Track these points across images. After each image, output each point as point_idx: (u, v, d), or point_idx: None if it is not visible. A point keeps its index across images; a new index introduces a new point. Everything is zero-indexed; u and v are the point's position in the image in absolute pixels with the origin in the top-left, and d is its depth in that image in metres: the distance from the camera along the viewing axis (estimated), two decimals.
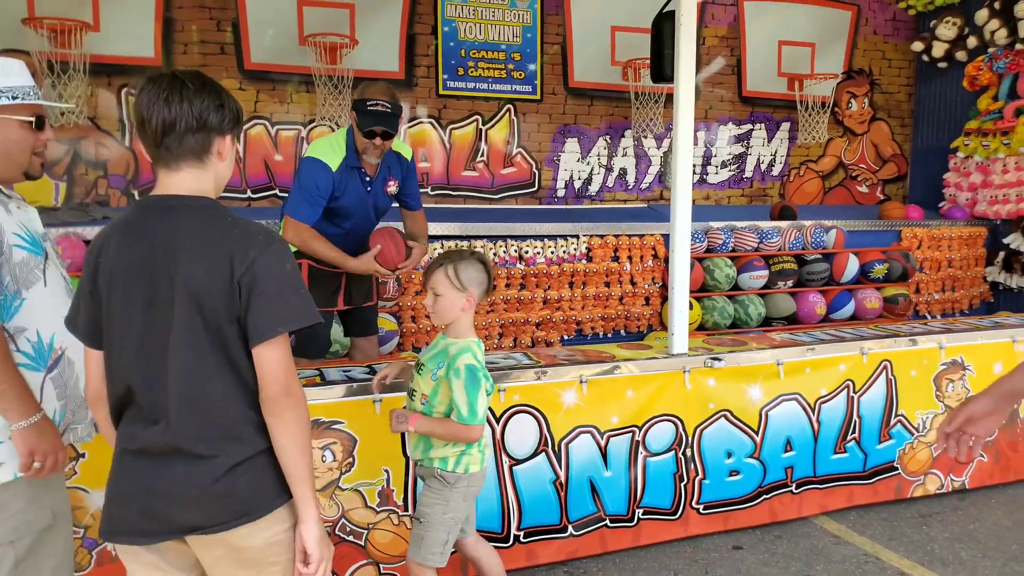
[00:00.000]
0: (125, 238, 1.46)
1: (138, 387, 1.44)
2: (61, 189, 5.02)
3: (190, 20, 5.16)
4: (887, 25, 7.11)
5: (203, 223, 1.45)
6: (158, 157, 1.48)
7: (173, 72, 1.48)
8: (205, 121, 1.47)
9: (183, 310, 1.40)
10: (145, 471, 1.45)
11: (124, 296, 1.44)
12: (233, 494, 1.44)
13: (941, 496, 3.58)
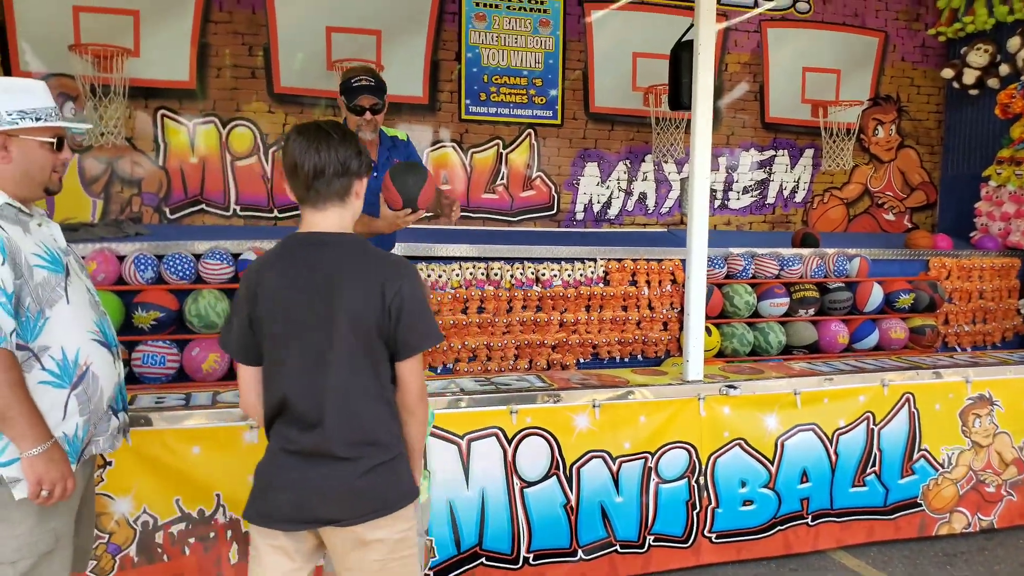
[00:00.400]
0: (282, 269, 1.69)
1: (296, 397, 1.67)
2: (98, 206, 5.19)
3: (224, 45, 5.33)
4: (916, 52, 7.07)
5: (355, 256, 1.69)
6: (307, 198, 1.71)
7: (318, 124, 1.71)
8: (348, 167, 1.70)
9: (342, 332, 1.64)
10: (298, 469, 1.68)
11: (284, 319, 1.67)
12: (369, 492, 1.69)
13: (968, 535, 3.48)
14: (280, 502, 1.69)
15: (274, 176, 5.48)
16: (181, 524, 2.57)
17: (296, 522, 1.70)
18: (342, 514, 1.68)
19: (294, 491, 1.68)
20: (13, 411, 1.68)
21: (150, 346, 4.12)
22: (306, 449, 1.68)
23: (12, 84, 1.85)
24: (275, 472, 1.72)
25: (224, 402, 2.72)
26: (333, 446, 1.66)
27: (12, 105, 1.80)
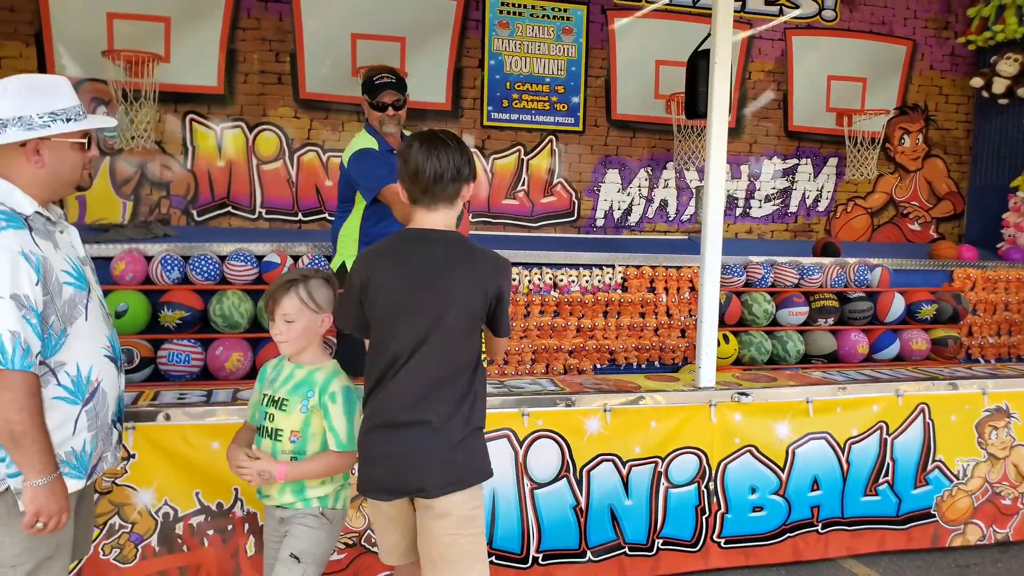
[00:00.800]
0: (396, 261, 1.90)
1: (399, 374, 1.86)
2: (128, 207, 5.34)
3: (251, 51, 5.46)
4: (944, 60, 6.99)
5: (462, 252, 1.91)
6: (421, 200, 1.90)
7: (435, 133, 1.90)
8: (461, 172, 1.90)
9: (450, 315, 1.86)
10: (392, 441, 1.88)
11: (396, 305, 1.88)
12: (453, 464, 1.89)
13: (982, 548, 3.45)
14: (378, 473, 1.91)
15: (299, 180, 5.60)
16: (200, 516, 2.65)
17: (392, 492, 1.92)
18: (429, 484, 1.87)
19: (390, 462, 1.89)
20: (28, 439, 1.68)
21: (175, 344, 4.24)
22: (402, 421, 1.87)
23: (38, 84, 1.79)
24: (373, 445, 1.93)
25: (243, 399, 2.80)
26: (431, 417, 1.86)
27: (43, 107, 1.75)
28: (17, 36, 5.05)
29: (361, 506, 2.76)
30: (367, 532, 2.77)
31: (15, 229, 1.70)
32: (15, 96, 1.72)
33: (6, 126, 1.72)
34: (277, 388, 2.08)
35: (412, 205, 1.93)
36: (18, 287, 1.66)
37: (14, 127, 1.72)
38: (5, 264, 1.65)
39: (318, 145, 5.62)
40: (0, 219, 1.70)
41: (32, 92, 1.75)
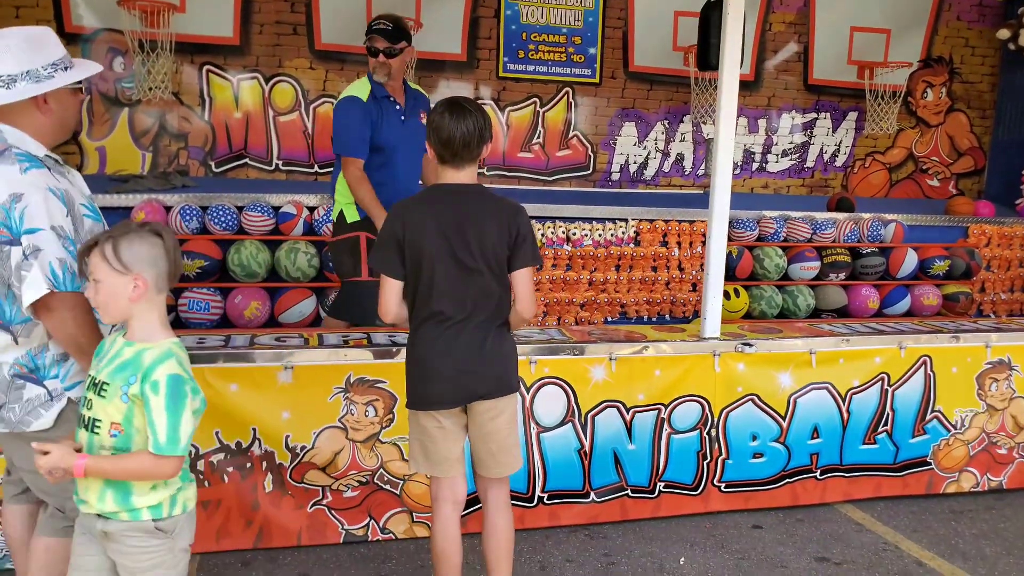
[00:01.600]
0: (434, 212, 2.17)
1: (447, 303, 2.17)
2: (147, 158, 5.42)
3: (266, 2, 5.44)
4: (972, 11, 6.80)
5: (486, 202, 2.21)
6: (450, 160, 2.18)
7: (458, 101, 2.18)
8: (484, 135, 2.18)
9: (481, 253, 2.16)
10: (450, 358, 2.18)
11: (433, 247, 2.15)
12: (508, 372, 2.28)
13: (977, 495, 3.54)
14: (439, 389, 2.20)
15: (314, 132, 5.64)
16: (220, 454, 2.80)
17: (453, 402, 2.22)
18: (489, 390, 2.22)
19: (453, 375, 2.19)
20: (93, 348, 1.84)
21: (195, 293, 4.36)
22: (459, 341, 2.18)
23: (33, 36, 1.86)
24: (431, 363, 2.20)
25: (261, 344, 2.92)
26: (478, 335, 2.19)
27: (44, 59, 1.86)
28: None
29: (375, 446, 2.89)
30: (380, 470, 2.91)
31: (37, 168, 1.83)
32: (18, 52, 1.82)
33: (15, 81, 1.82)
34: (101, 368, 1.72)
35: (441, 164, 2.21)
36: (54, 219, 1.81)
37: (23, 81, 1.83)
38: (39, 199, 1.79)
39: (334, 96, 5.63)
40: (22, 160, 1.82)
41: (32, 45, 1.84)
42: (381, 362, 2.89)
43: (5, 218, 1.77)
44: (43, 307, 1.81)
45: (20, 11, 5.09)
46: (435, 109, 2.19)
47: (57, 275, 1.80)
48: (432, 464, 2.29)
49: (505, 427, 2.29)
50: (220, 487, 2.81)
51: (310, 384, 2.83)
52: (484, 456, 2.31)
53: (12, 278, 1.80)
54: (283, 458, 2.84)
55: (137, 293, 1.69)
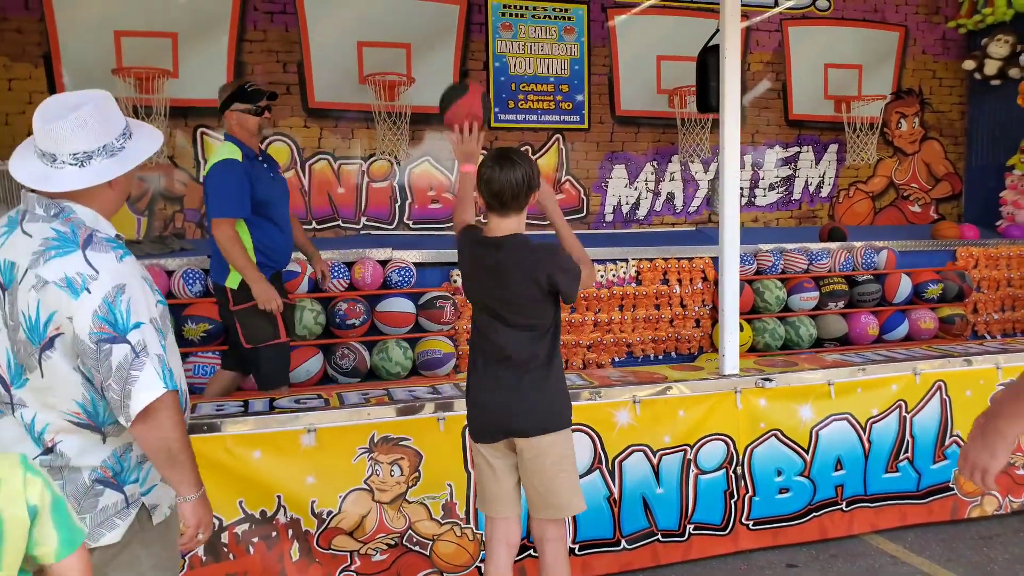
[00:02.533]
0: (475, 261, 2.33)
1: (489, 345, 2.29)
2: (143, 223, 5.40)
3: (259, 63, 5.52)
4: (936, 44, 7.09)
5: (519, 252, 2.24)
6: (497, 209, 2.25)
7: (506, 152, 2.25)
8: (531, 184, 2.24)
9: (516, 297, 2.24)
10: (490, 393, 2.29)
11: (479, 294, 2.33)
12: (545, 411, 2.27)
13: (1001, 518, 3.54)
14: (480, 421, 2.33)
15: (311, 189, 5.66)
16: (244, 524, 2.72)
17: (491, 435, 2.31)
18: (528, 427, 2.26)
19: (487, 413, 2.31)
20: (184, 455, 1.67)
21: (200, 357, 4.31)
22: (505, 378, 2.27)
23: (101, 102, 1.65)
24: (477, 397, 2.34)
25: (281, 407, 2.88)
26: (522, 374, 2.26)
27: (115, 129, 1.66)
28: (26, 57, 5.10)
29: (402, 507, 2.84)
30: (408, 531, 2.85)
31: (128, 255, 1.65)
32: (95, 124, 1.61)
33: (91, 157, 1.61)
34: None
35: (489, 211, 2.29)
36: (151, 310, 1.65)
37: (100, 157, 1.62)
38: (138, 290, 1.62)
39: (329, 153, 5.69)
40: (113, 246, 1.63)
41: (104, 115, 1.64)
42: (404, 419, 2.86)
43: (108, 312, 1.55)
44: (143, 411, 1.59)
45: (13, 83, 5.10)
46: (484, 162, 2.25)
47: (159, 372, 1.60)
48: (483, 501, 2.37)
49: (551, 468, 2.28)
50: (245, 559, 2.73)
51: (334, 446, 2.78)
52: (532, 496, 2.33)
53: (111, 379, 1.56)
54: (309, 524, 2.77)
55: None
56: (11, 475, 1.28)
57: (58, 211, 1.63)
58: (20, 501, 1.26)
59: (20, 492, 1.27)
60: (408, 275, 4.71)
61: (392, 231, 5.79)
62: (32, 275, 1.56)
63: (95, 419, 1.64)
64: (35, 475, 1.30)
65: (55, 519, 1.30)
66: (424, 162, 5.88)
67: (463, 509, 2.89)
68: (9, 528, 1.25)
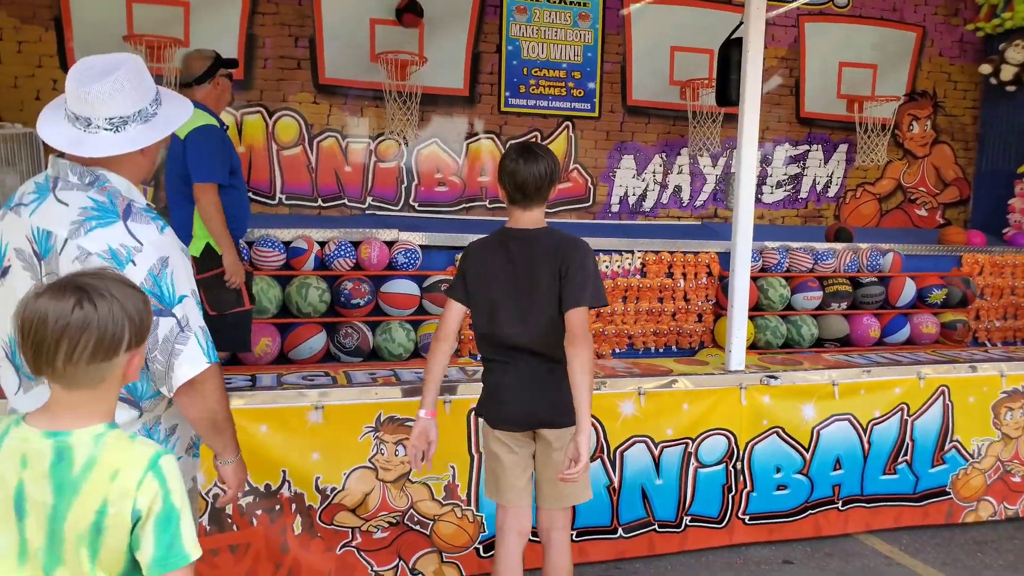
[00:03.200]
0: (497, 253, 2.28)
1: (510, 335, 2.26)
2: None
3: (270, 36, 5.47)
4: (953, 47, 7.05)
5: (546, 244, 2.24)
6: (520, 201, 2.24)
7: (528, 145, 2.27)
8: (553, 177, 2.25)
9: (542, 293, 2.22)
10: (518, 386, 2.27)
11: (499, 284, 2.26)
12: (564, 402, 2.23)
13: (996, 524, 3.57)
14: (508, 411, 2.31)
15: (318, 166, 5.63)
16: (249, 497, 2.73)
17: (521, 424, 2.31)
18: (551, 418, 2.28)
19: (516, 402, 2.29)
20: (227, 423, 1.70)
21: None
22: (523, 372, 2.27)
23: (134, 66, 1.58)
24: (502, 389, 2.31)
25: (289, 383, 2.88)
26: (537, 368, 2.26)
27: (149, 94, 1.60)
28: (36, 20, 5.05)
29: (405, 486, 2.84)
30: (410, 511, 2.86)
31: (168, 226, 1.61)
32: (130, 90, 1.55)
33: (127, 123, 1.56)
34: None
35: (511, 204, 2.28)
36: (191, 282, 1.62)
37: (135, 123, 1.57)
38: (180, 262, 1.58)
39: (337, 131, 5.65)
40: (153, 218, 1.58)
41: (139, 80, 1.58)
42: (410, 400, 2.85)
43: (154, 285, 1.51)
44: (188, 382, 1.57)
45: (23, 45, 5.05)
46: (507, 154, 2.26)
47: (202, 344, 1.58)
48: (498, 491, 2.36)
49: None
50: (248, 531, 2.74)
51: (340, 424, 2.79)
52: (545, 486, 2.35)
53: (156, 351, 1.54)
54: (313, 500, 2.78)
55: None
56: (131, 470, 1.22)
57: (93, 179, 1.57)
58: (128, 501, 1.20)
59: (131, 491, 1.20)
60: (414, 257, 4.71)
61: (397, 212, 5.77)
62: (73, 246, 1.51)
63: (134, 393, 1.61)
64: (157, 478, 1.22)
65: (157, 532, 1.21)
66: (432, 144, 5.85)
67: (464, 491, 2.91)
68: (111, 523, 1.20)
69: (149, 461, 1.23)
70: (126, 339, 1.23)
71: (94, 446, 1.22)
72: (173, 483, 1.23)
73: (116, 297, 1.22)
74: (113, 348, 1.22)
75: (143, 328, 1.27)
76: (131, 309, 1.24)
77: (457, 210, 5.92)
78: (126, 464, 1.21)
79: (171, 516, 1.22)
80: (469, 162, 5.91)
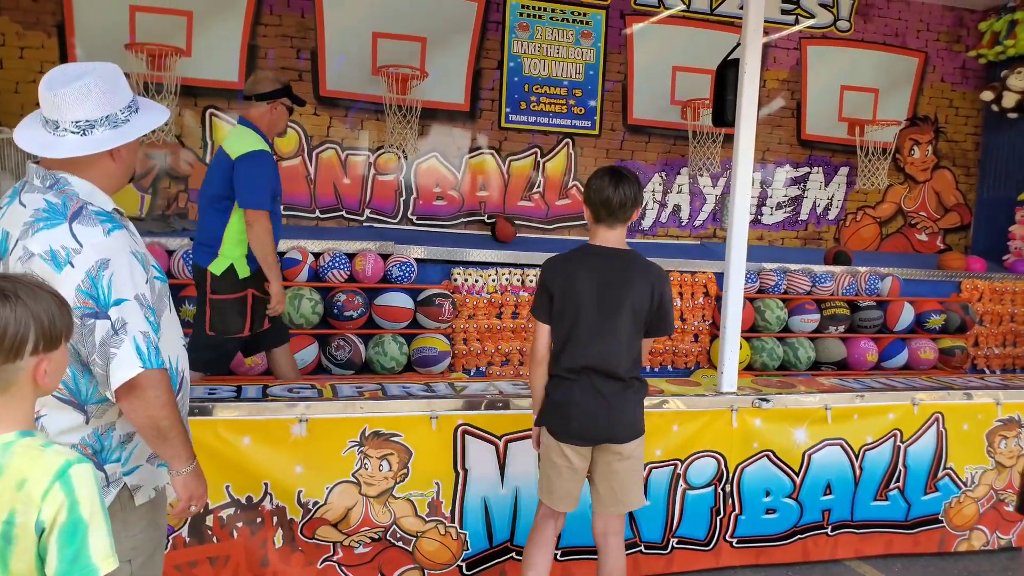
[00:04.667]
0: (583, 269, 2.40)
1: (591, 357, 2.37)
2: (146, 200, 5.37)
3: (272, 47, 5.49)
4: (955, 73, 7.06)
5: (636, 265, 2.41)
6: (605, 219, 2.40)
7: (617, 169, 2.42)
8: (637, 199, 2.41)
9: (627, 313, 2.37)
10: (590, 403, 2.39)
11: (581, 303, 2.38)
12: (636, 420, 2.46)
13: (989, 553, 3.52)
14: (576, 426, 2.41)
15: (317, 177, 5.64)
16: (230, 509, 2.70)
17: (589, 439, 2.43)
18: (621, 434, 2.42)
19: (585, 418, 2.40)
20: (173, 431, 1.66)
21: None
22: (604, 390, 2.39)
23: (108, 73, 1.62)
24: (572, 405, 2.41)
25: (274, 395, 2.85)
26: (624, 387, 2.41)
27: (121, 101, 1.62)
28: (39, 26, 5.08)
29: (388, 502, 2.81)
30: (392, 526, 2.82)
31: (119, 229, 1.62)
32: (99, 94, 1.58)
33: (94, 127, 1.59)
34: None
35: (596, 223, 2.43)
36: (137, 287, 1.60)
37: (102, 127, 1.60)
38: (123, 265, 1.58)
39: (337, 143, 5.67)
40: (103, 220, 1.59)
41: (110, 85, 1.61)
42: (397, 415, 2.83)
43: (91, 287, 1.53)
44: (126, 387, 1.57)
45: (25, 51, 5.08)
46: (596, 174, 2.42)
47: (143, 351, 1.57)
48: (553, 497, 2.50)
49: (630, 469, 2.48)
50: (229, 543, 2.71)
51: (324, 437, 2.76)
52: (606, 494, 2.49)
53: (95, 355, 1.55)
54: (295, 513, 2.75)
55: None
56: (38, 480, 1.17)
57: (53, 182, 1.61)
58: (33, 511, 1.16)
59: (37, 502, 1.16)
60: (409, 270, 4.69)
61: (395, 225, 5.77)
62: (20, 246, 1.54)
63: (77, 396, 1.61)
64: (64, 489, 1.17)
65: (60, 544, 1.15)
66: (432, 158, 5.86)
67: (448, 508, 2.87)
68: (18, 533, 1.16)
69: (57, 471, 1.18)
70: (31, 341, 1.21)
71: (2, 455, 1.19)
72: (83, 493, 1.19)
73: (22, 298, 1.20)
74: (15, 350, 1.19)
75: (54, 332, 1.24)
76: (39, 311, 1.21)
77: (455, 224, 5.91)
78: (33, 474, 1.18)
79: (76, 528, 1.17)
80: (469, 177, 5.92)
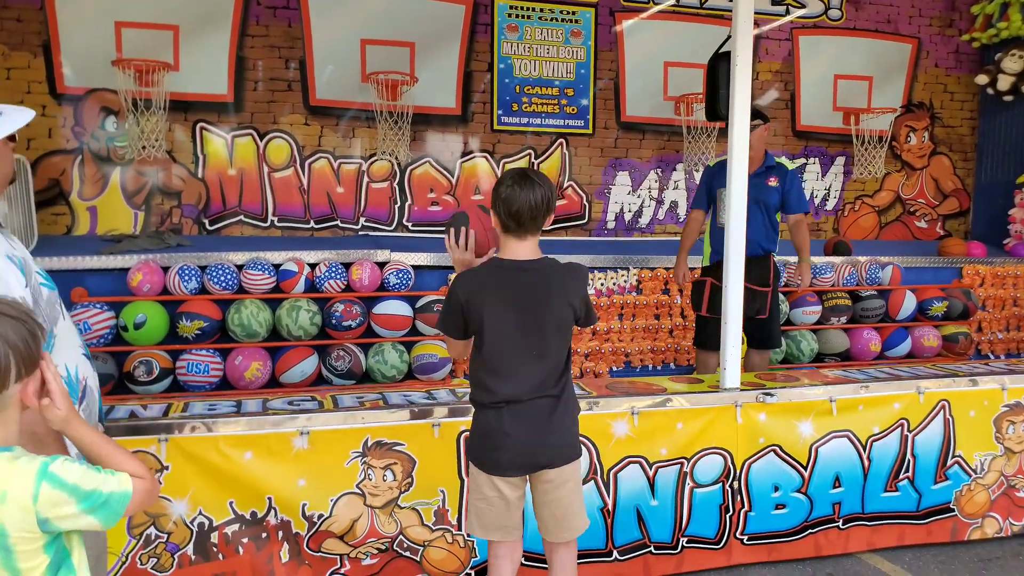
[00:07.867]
0: (498, 291, 2.14)
1: (513, 386, 2.15)
2: (139, 217, 5.35)
3: (260, 59, 5.48)
4: (949, 58, 7.04)
5: (553, 275, 2.18)
6: (515, 230, 2.13)
7: (527, 172, 2.14)
8: (550, 205, 2.15)
9: (551, 329, 2.17)
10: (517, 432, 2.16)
11: (506, 331, 2.14)
12: (575, 441, 2.28)
13: (1002, 540, 3.48)
14: (506, 457, 2.19)
15: (310, 188, 5.61)
16: (235, 525, 2.67)
17: (520, 469, 2.22)
18: (552, 459, 2.22)
19: (518, 448, 2.18)
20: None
21: (194, 355, 4.25)
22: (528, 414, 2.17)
23: None
24: (498, 436, 2.18)
25: (275, 409, 2.82)
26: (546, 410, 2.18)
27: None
28: (25, 46, 5.07)
29: (394, 512, 2.78)
30: (399, 536, 2.79)
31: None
32: None
33: None
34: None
35: (504, 233, 2.17)
36: (11, 291, 1.55)
37: None
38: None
39: (329, 152, 5.64)
40: None
41: None
42: (399, 424, 2.80)
43: None
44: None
45: (12, 72, 5.06)
46: (503, 181, 2.14)
47: None
48: (487, 530, 2.29)
49: (569, 494, 2.28)
50: (234, 559, 2.68)
51: (327, 449, 2.73)
52: (548, 522, 2.31)
53: None
54: (300, 527, 2.71)
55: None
56: (23, 487, 1.23)
57: None
58: (29, 516, 1.23)
59: (30, 507, 1.23)
60: (406, 278, 4.66)
61: (391, 232, 5.74)
62: None
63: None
64: (54, 484, 1.24)
65: (100, 515, 1.29)
66: (425, 163, 5.84)
67: (455, 516, 2.84)
68: (15, 542, 1.23)
69: (37, 473, 1.23)
70: (13, 371, 1.23)
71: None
72: (73, 476, 1.25)
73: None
74: (1, 382, 1.22)
75: (31, 355, 1.26)
76: (13, 338, 1.23)
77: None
78: (12, 483, 1.21)
79: (91, 496, 1.26)
80: (463, 181, 5.89)
